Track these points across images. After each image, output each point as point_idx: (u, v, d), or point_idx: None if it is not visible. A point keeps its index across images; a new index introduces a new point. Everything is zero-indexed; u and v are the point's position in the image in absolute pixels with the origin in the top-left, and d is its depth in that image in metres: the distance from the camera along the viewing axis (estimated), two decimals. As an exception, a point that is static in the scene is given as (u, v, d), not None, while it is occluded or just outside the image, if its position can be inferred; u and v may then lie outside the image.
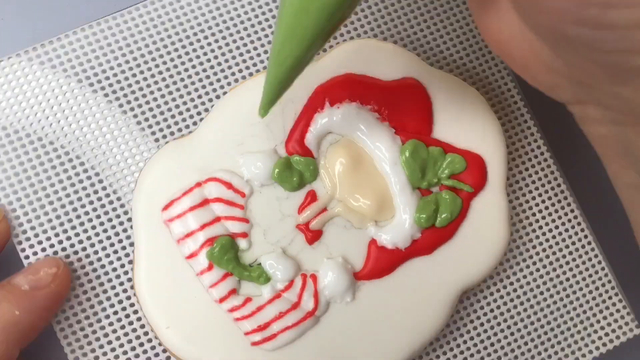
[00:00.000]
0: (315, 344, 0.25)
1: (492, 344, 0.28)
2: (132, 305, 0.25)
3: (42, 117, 0.26)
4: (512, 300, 0.28)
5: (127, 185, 0.26)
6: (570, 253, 0.29)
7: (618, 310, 0.29)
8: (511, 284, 0.28)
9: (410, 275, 0.26)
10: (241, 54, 0.27)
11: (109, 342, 0.25)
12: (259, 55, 0.28)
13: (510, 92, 0.29)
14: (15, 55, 0.26)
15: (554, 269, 0.29)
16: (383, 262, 0.26)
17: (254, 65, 0.27)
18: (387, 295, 0.25)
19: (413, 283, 0.26)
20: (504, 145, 0.27)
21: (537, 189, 0.29)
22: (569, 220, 0.29)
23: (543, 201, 0.29)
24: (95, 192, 0.26)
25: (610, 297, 0.29)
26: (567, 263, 0.29)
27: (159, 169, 0.25)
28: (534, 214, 0.29)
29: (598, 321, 0.29)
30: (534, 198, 0.29)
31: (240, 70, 0.27)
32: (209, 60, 0.27)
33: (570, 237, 0.29)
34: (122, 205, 0.26)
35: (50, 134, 0.26)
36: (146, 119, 0.26)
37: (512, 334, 0.28)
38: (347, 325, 0.25)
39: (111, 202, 0.26)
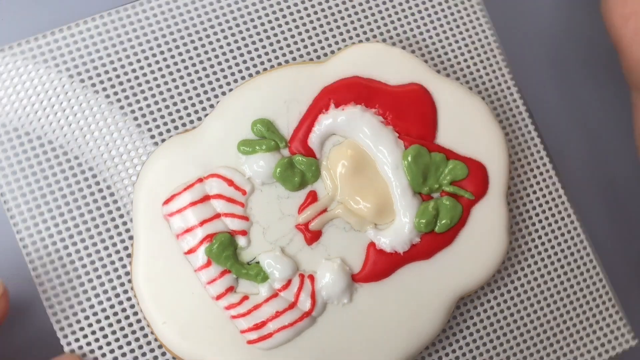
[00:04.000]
0: (311, 345, 0.25)
1: (487, 351, 0.28)
2: (129, 299, 0.25)
3: (39, 115, 0.26)
4: (508, 308, 0.28)
5: (123, 182, 0.26)
6: (569, 264, 0.29)
7: (615, 322, 0.29)
8: (508, 291, 0.28)
9: (407, 279, 0.26)
10: (241, 54, 0.28)
11: (105, 336, 0.25)
12: (263, 55, 0.28)
13: (515, 102, 0.29)
14: (8, 48, 0.26)
15: (552, 279, 0.29)
16: (381, 265, 0.26)
17: (261, 63, 0.28)
18: (384, 299, 0.25)
19: (410, 287, 0.26)
20: (506, 153, 0.27)
21: (537, 199, 0.29)
22: (568, 232, 0.29)
23: (543, 211, 0.29)
24: (90, 188, 0.26)
25: (607, 309, 0.29)
26: (565, 273, 0.29)
27: (162, 162, 0.25)
28: (533, 224, 0.29)
29: (594, 331, 0.29)
30: (534, 208, 0.29)
31: (240, 71, 0.27)
32: (209, 59, 0.27)
33: (569, 247, 0.29)
34: (116, 203, 0.26)
35: (49, 132, 0.26)
36: (143, 116, 0.26)
37: (507, 341, 0.28)
38: (343, 327, 0.25)
39: (106, 198, 0.26)
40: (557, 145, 0.30)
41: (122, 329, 0.25)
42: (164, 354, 0.25)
